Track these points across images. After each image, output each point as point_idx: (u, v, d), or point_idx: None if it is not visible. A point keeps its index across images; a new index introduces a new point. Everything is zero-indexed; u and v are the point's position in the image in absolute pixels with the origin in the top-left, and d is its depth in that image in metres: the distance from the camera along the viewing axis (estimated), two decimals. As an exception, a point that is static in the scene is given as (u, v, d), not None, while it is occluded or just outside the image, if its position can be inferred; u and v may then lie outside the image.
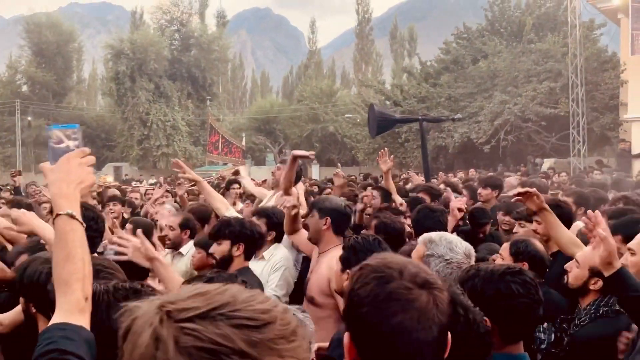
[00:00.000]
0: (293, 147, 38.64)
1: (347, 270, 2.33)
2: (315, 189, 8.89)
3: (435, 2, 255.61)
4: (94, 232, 2.76)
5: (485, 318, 1.70)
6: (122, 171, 33.11)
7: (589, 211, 2.32)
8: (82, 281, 1.37)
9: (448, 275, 2.11)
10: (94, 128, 39.02)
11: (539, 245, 2.76)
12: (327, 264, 2.97)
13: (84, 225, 1.46)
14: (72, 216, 1.42)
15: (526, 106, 17.97)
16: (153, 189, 8.02)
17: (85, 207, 2.87)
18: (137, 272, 2.32)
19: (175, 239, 4.00)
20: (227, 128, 33.66)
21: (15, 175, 7.69)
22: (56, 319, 1.33)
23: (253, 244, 3.09)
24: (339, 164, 9.16)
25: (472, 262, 2.20)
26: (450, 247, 2.19)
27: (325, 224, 3.15)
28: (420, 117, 14.29)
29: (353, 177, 14.02)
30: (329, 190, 7.42)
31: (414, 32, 55.27)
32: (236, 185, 6.36)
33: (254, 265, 3.27)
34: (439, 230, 2.66)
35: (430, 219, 3.30)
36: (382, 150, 5.12)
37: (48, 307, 1.50)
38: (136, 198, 7.38)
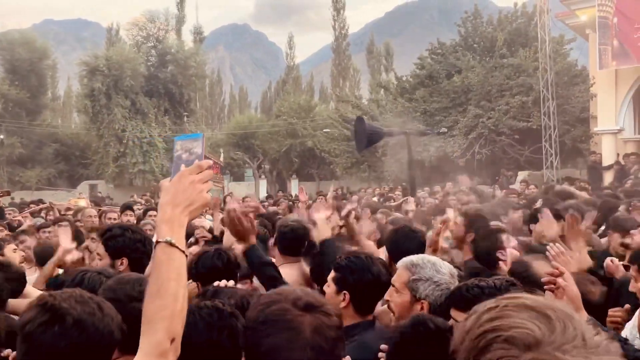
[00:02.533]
0: (272, 162, 38.63)
1: (344, 292, 2.25)
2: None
3: (411, 17, 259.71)
4: (141, 254, 2.80)
5: None
6: (98, 189, 32.62)
7: (553, 262, 2.17)
8: (170, 320, 1.21)
9: (438, 298, 2.07)
10: (69, 146, 38.46)
11: None
12: None
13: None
14: (171, 244, 1.26)
15: (499, 120, 18.28)
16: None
17: (131, 230, 2.86)
18: None
19: None
20: (205, 144, 33.47)
21: (2, 195, 7.50)
22: None
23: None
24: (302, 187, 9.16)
25: (455, 281, 2.16)
26: (435, 268, 2.14)
27: (273, 242, 3.34)
28: (406, 131, 14.48)
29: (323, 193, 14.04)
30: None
31: (390, 48, 56.01)
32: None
33: None
34: (418, 252, 2.58)
35: (410, 240, 3.07)
36: None
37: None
38: (115, 219, 7.17)
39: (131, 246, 2.81)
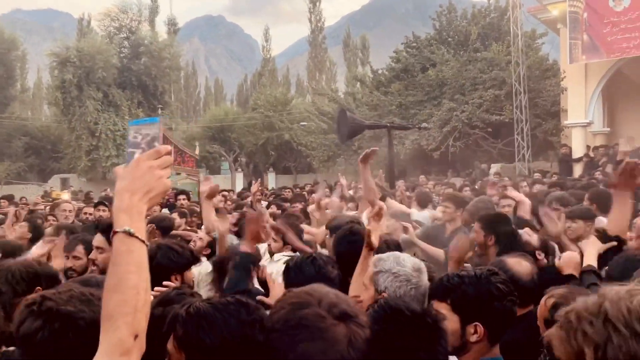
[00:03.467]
0: (248, 156, 38.42)
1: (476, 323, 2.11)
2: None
3: (386, 10, 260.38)
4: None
5: (477, 323, 1.73)
6: (70, 183, 32.00)
7: None
8: (133, 315, 1.13)
9: (397, 289, 2.07)
10: (39, 139, 37.61)
11: None
12: None
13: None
14: (130, 234, 1.18)
15: (473, 113, 18.50)
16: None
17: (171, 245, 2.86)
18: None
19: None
20: (180, 137, 33.12)
21: None
22: None
23: None
24: (253, 180, 9.10)
25: (424, 277, 2.14)
26: (397, 261, 2.15)
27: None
28: (388, 124, 14.55)
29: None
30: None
31: (366, 41, 56.12)
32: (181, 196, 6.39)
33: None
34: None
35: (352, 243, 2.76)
36: None
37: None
38: (91, 213, 6.97)
39: None
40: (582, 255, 2.74)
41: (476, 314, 1.73)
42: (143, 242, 1.20)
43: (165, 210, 7.73)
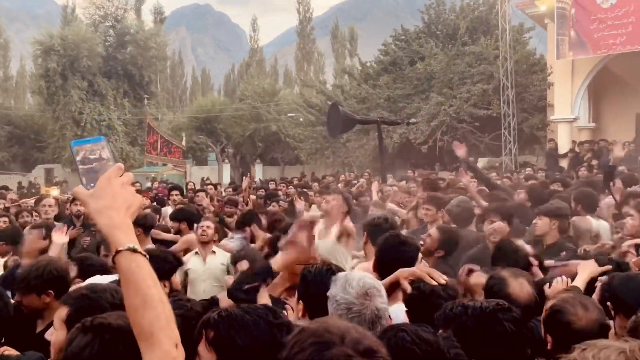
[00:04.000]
0: (235, 147, 38.22)
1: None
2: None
3: (375, 2, 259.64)
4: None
5: None
6: (54, 173, 31.61)
7: None
8: (167, 326, 1.18)
9: (338, 317, 1.87)
10: (23, 128, 37.05)
11: None
12: None
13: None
14: (134, 250, 1.21)
15: (461, 107, 18.57)
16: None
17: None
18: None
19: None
20: (166, 127, 32.84)
21: None
22: None
23: None
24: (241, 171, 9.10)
25: (371, 301, 1.91)
26: (344, 286, 1.94)
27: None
28: (378, 119, 14.59)
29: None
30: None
31: (355, 32, 55.96)
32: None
33: None
34: (406, 265, 2.41)
35: (398, 252, 2.71)
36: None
37: None
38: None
39: None
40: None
41: (474, 349, 1.62)
42: (144, 255, 1.24)
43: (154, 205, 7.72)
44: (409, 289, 2.18)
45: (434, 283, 2.15)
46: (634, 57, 15.06)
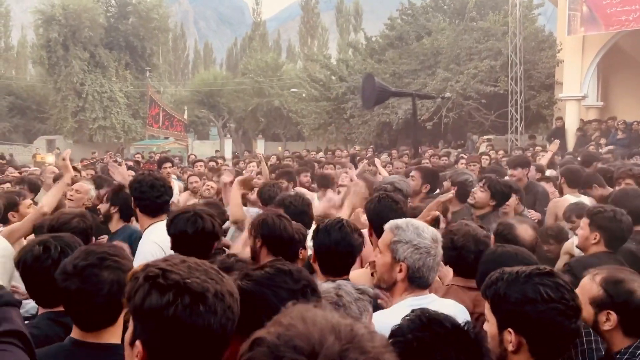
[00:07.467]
0: (237, 121, 37.99)
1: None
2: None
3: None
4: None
5: (510, 329, 1.52)
6: (56, 144, 31.50)
7: None
8: None
9: (417, 261, 2.08)
10: (24, 99, 36.83)
11: None
12: None
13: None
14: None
15: (467, 84, 18.27)
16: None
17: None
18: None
19: None
20: (168, 100, 32.57)
21: None
22: None
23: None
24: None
25: (439, 246, 2.14)
26: (417, 232, 2.12)
27: None
28: (413, 93, 14.44)
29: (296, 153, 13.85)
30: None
31: (359, 7, 55.12)
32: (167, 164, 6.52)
33: None
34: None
35: (393, 211, 2.89)
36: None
37: None
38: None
39: None
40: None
41: (509, 318, 1.54)
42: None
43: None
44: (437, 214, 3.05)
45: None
46: (646, 34, 14.77)
